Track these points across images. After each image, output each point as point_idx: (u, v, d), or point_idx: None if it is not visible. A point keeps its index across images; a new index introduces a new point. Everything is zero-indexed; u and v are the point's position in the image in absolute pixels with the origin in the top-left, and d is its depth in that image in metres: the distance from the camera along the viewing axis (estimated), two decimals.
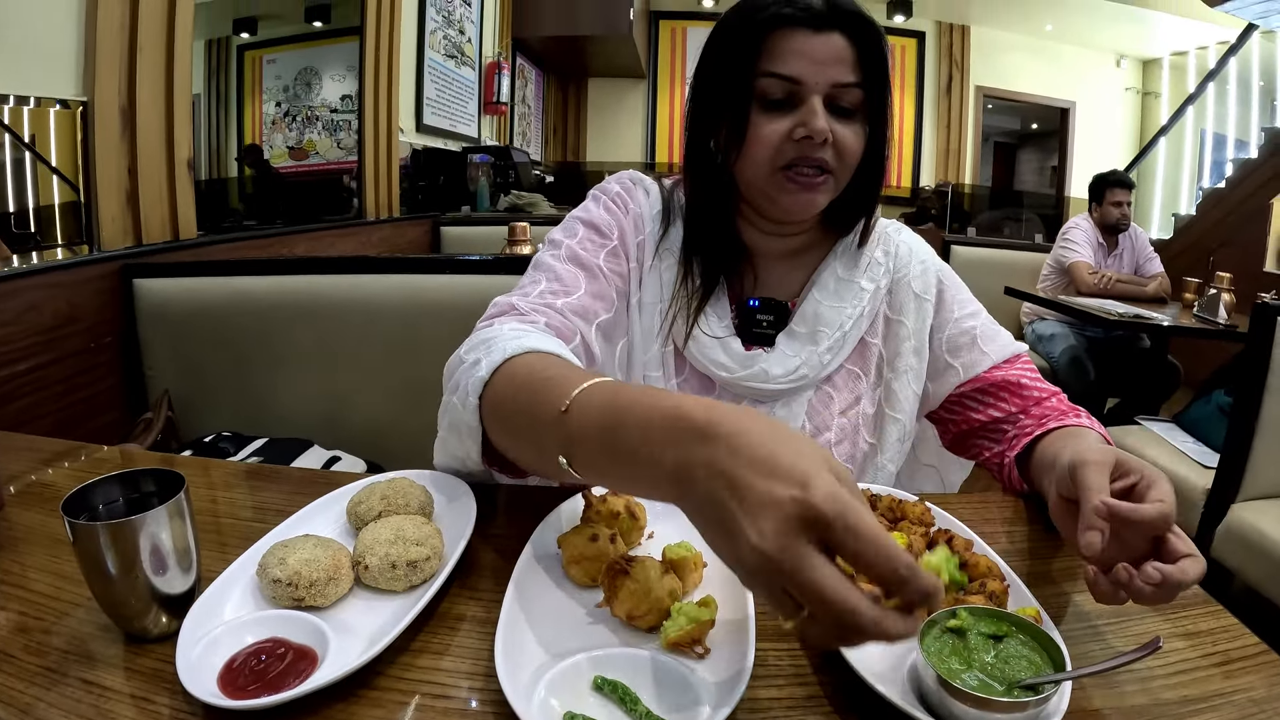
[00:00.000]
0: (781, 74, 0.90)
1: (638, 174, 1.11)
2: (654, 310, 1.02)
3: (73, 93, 1.72)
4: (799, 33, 0.90)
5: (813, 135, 0.89)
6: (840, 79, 0.90)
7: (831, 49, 0.89)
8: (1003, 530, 0.80)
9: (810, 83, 0.89)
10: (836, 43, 0.90)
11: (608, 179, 1.10)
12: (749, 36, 0.92)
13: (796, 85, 0.90)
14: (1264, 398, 1.86)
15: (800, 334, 1.01)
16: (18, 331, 1.50)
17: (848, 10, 0.90)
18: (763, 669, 0.56)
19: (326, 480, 0.91)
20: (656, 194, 1.08)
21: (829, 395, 1.02)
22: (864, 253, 1.05)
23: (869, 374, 1.04)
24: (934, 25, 8.23)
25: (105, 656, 0.56)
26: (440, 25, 4.23)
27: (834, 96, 0.90)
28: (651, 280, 1.03)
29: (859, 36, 0.91)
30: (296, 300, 1.67)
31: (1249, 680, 0.57)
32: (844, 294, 1.03)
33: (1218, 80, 6.80)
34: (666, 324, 1.01)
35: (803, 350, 1.00)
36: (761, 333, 1.02)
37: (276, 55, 3.26)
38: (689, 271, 1.02)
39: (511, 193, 4.33)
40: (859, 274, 1.04)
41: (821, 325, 1.01)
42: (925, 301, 1.04)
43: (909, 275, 1.05)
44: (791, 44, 0.90)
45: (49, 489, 0.86)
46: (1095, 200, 3.80)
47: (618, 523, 0.71)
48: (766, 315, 1.02)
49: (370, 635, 0.59)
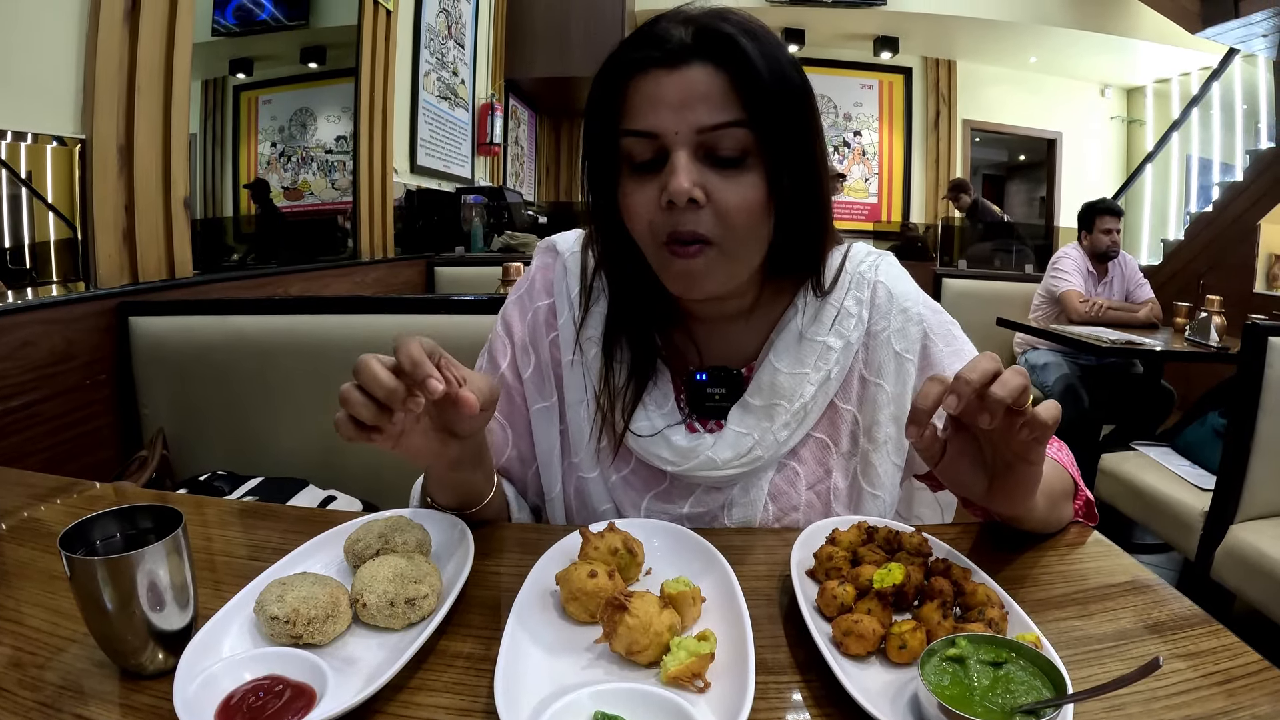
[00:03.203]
0: (637, 129, 0.77)
1: (559, 240, 1.00)
2: (579, 408, 0.93)
3: (71, 130, 1.74)
4: (655, 75, 0.76)
5: (673, 199, 0.74)
6: (707, 121, 0.74)
7: (691, 87, 0.75)
8: (1001, 558, 0.80)
9: (669, 133, 0.75)
10: (699, 78, 0.75)
11: (536, 249, 1.02)
12: (609, 90, 0.79)
13: (656, 139, 0.76)
14: (1258, 418, 1.87)
15: (755, 407, 0.88)
16: (13, 367, 1.51)
17: (713, 33, 0.75)
18: (763, 702, 0.56)
19: (323, 519, 0.91)
20: (576, 267, 0.95)
21: (794, 471, 0.90)
22: (830, 302, 0.90)
23: (840, 443, 0.91)
24: (920, 61, 8.39)
25: (101, 692, 0.56)
26: (434, 67, 4.29)
27: (708, 145, 0.75)
28: (573, 377, 0.93)
29: (732, 64, 0.75)
30: (292, 340, 1.68)
31: (1252, 698, 0.56)
32: (806, 357, 0.89)
33: (1201, 105, 6.92)
34: (595, 421, 0.92)
35: (757, 426, 0.87)
36: (715, 406, 0.91)
37: (272, 96, 3.30)
38: (613, 359, 0.91)
39: (505, 233, 4.37)
40: (824, 330, 0.89)
41: (779, 397, 0.88)
42: (907, 361, 0.91)
43: (889, 329, 0.91)
44: (647, 91, 0.76)
45: (42, 524, 0.86)
46: (1085, 228, 3.84)
47: (616, 559, 0.71)
48: (717, 388, 0.91)
49: (369, 673, 0.58)
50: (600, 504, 0.93)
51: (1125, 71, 8.33)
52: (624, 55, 0.78)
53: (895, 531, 0.77)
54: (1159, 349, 3.07)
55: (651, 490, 0.92)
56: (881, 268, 0.95)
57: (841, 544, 0.74)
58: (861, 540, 0.76)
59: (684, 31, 0.76)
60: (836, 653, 0.60)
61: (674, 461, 0.88)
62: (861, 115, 8.45)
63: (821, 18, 7.42)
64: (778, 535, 0.85)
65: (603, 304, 0.93)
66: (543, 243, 1.02)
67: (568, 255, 0.97)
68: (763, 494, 0.89)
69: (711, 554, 0.74)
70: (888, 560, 0.71)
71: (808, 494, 0.90)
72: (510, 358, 0.97)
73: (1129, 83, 8.73)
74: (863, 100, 8.44)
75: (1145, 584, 0.74)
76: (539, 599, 0.69)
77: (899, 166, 8.49)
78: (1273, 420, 1.87)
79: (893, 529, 0.78)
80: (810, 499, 0.90)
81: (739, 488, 0.90)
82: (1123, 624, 0.67)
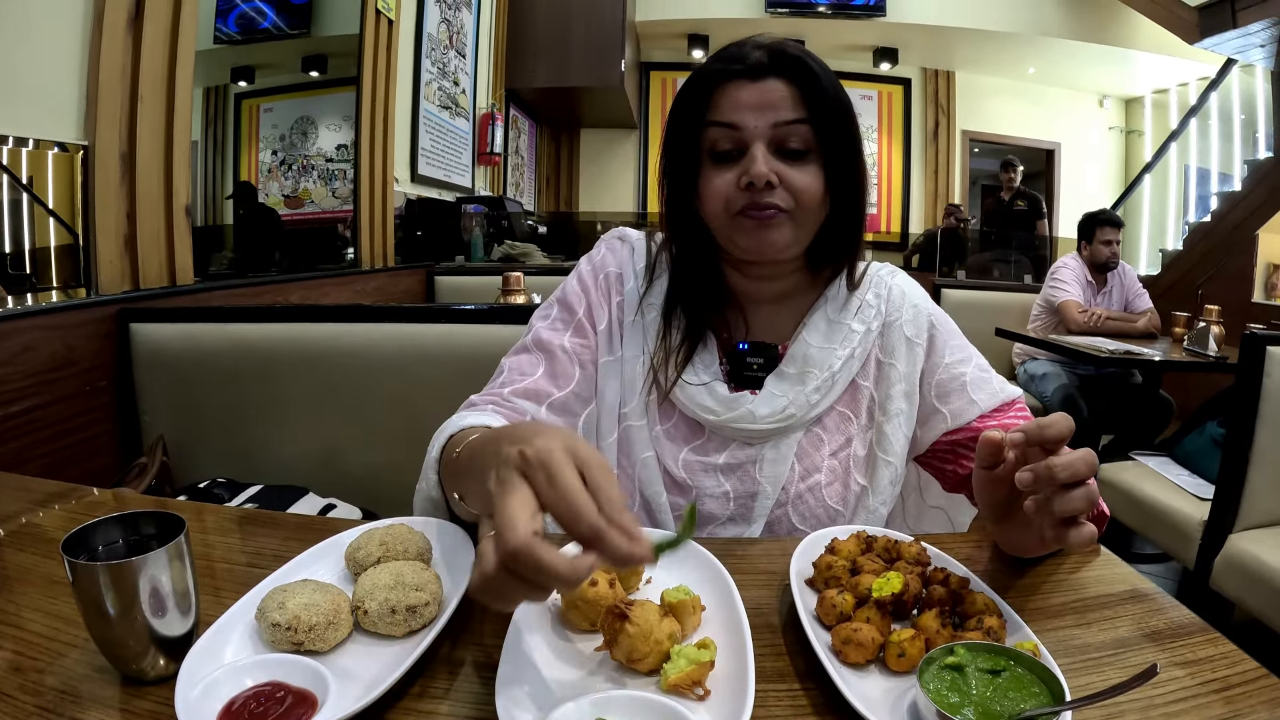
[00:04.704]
0: (722, 121, 0.94)
1: (627, 231, 1.15)
2: (635, 363, 1.04)
3: (73, 137, 1.75)
4: (738, 84, 0.94)
5: (754, 180, 0.91)
6: (781, 118, 0.92)
7: (770, 94, 0.93)
8: (1000, 568, 0.80)
9: (750, 127, 0.93)
10: (775, 87, 0.93)
11: (601, 238, 1.16)
12: (698, 93, 0.97)
13: (738, 132, 0.93)
14: (1257, 427, 1.87)
15: (789, 375, 1.01)
16: (13, 372, 1.50)
17: (788, 56, 0.94)
18: (763, 709, 0.56)
19: (323, 526, 0.91)
20: (643, 249, 1.11)
21: (819, 437, 1.02)
22: (855, 296, 1.06)
23: (860, 416, 1.04)
24: (919, 72, 8.43)
25: (101, 698, 0.56)
26: (435, 76, 4.30)
27: (780, 139, 0.93)
28: (634, 334, 1.06)
29: (800, 78, 0.94)
30: (292, 348, 1.68)
31: (1250, 704, 0.57)
32: (834, 336, 1.03)
33: (1200, 115, 6.94)
34: (649, 375, 1.03)
35: (790, 390, 1.00)
36: (752, 375, 1.03)
37: (273, 104, 3.30)
38: (670, 323, 1.05)
39: (505, 243, 4.37)
40: (850, 316, 1.04)
41: (810, 366, 1.01)
42: (916, 345, 1.05)
43: (901, 319, 1.06)
44: (732, 96, 0.94)
45: (42, 530, 0.86)
46: (1085, 239, 3.84)
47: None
48: (756, 358, 1.03)
49: (370, 680, 0.58)
50: (642, 451, 1.02)
51: (1124, 82, 8.37)
52: (711, 68, 0.96)
53: (894, 541, 0.78)
54: (1158, 359, 3.07)
55: (690, 443, 1.03)
56: (897, 276, 1.11)
57: (840, 553, 0.75)
58: (860, 549, 0.76)
59: (761, 53, 0.94)
60: (836, 661, 0.60)
61: (716, 411, 0.99)
62: (861, 126, 8.45)
63: (821, 28, 7.45)
64: (777, 544, 0.86)
65: (663, 281, 1.07)
66: (613, 231, 1.16)
67: (635, 240, 1.13)
68: (791, 453, 1.00)
69: (711, 563, 0.74)
70: (886, 569, 0.71)
71: (830, 460, 1.02)
72: (586, 307, 1.07)
73: (1127, 93, 8.77)
74: (862, 111, 8.43)
75: (1143, 593, 0.75)
76: (539, 607, 0.69)
77: (898, 177, 8.51)
78: (1271, 430, 1.87)
79: (891, 538, 0.79)
80: (832, 464, 1.02)
81: (770, 444, 1.01)
82: (1121, 632, 0.67)
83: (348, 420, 1.67)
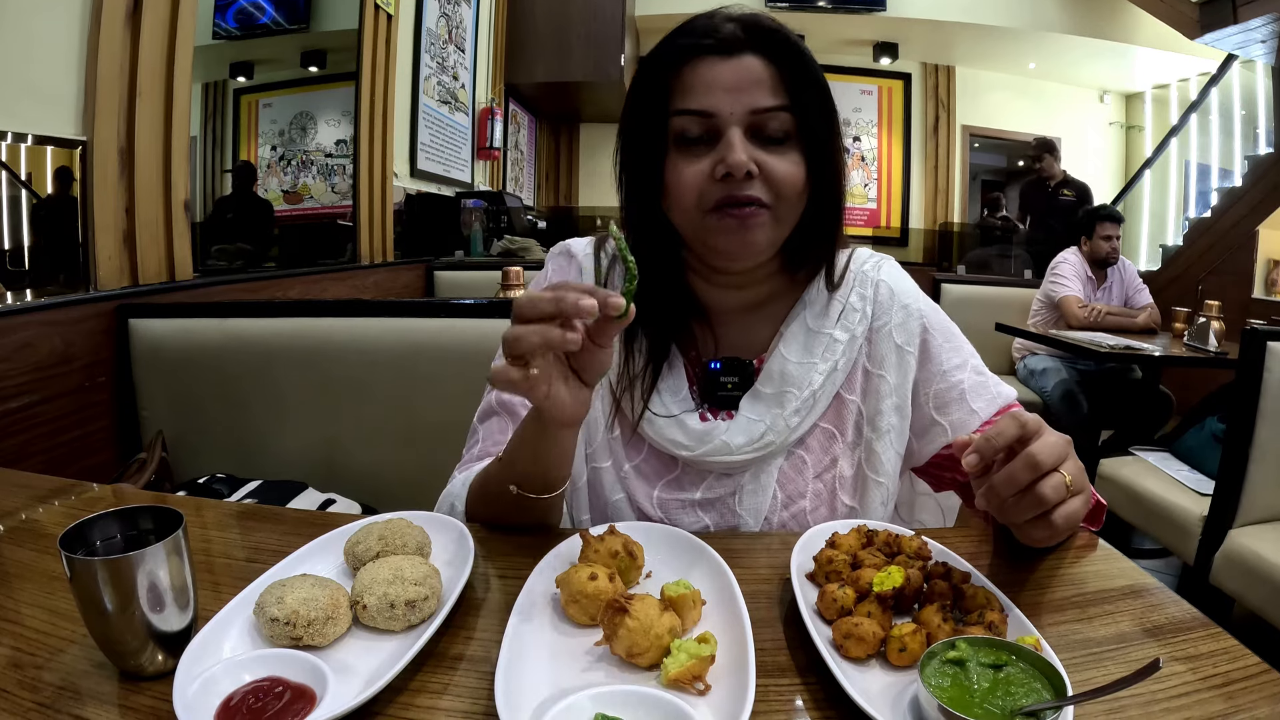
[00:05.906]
0: (693, 109, 0.84)
1: (572, 243, 1.05)
2: (594, 400, 0.92)
3: (72, 133, 1.74)
4: (709, 61, 0.84)
5: (732, 171, 0.82)
6: (759, 104, 0.83)
7: (746, 73, 0.83)
8: (1000, 562, 0.80)
9: (725, 113, 0.83)
10: (751, 65, 0.84)
11: (548, 255, 1.06)
12: (660, 74, 0.86)
13: (710, 118, 0.83)
14: (1257, 423, 1.87)
15: (765, 395, 0.92)
16: (12, 368, 1.50)
17: (764, 28, 0.85)
18: (763, 704, 0.56)
19: (322, 521, 0.91)
20: (590, 263, 1.01)
21: (802, 459, 0.93)
22: (836, 298, 0.96)
23: (846, 433, 0.95)
24: (919, 67, 8.41)
25: (99, 694, 0.56)
26: (434, 71, 4.29)
27: (757, 125, 0.84)
28: None
29: (779, 56, 0.84)
30: (292, 343, 1.68)
31: (1251, 699, 0.56)
32: (814, 348, 0.93)
33: (1200, 111, 6.91)
34: (610, 411, 0.95)
35: (768, 414, 0.91)
36: (727, 395, 0.94)
37: (272, 99, 3.29)
38: (631, 346, 0.95)
39: (504, 237, 4.36)
40: (831, 323, 0.95)
41: (789, 385, 0.92)
42: (908, 354, 0.95)
43: (890, 323, 0.96)
44: (702, 75, 0.84)
45: (41, 526, 0.86)
46: (1085, 234, 3.84)
47: (616, 562, 0.71)
48: (730, 377, 0.94)
49: (368, 675, 0.58)
50: (612, 494, 0.95)
51: (1124, 77, 8.36)
52: (676, 42, 0.86)
53: (895, 535, 0.78)
54: (1158, 354, 3.07)
55: (663, 479, 0.94)
56: (884, 268, 1.00)
57: (841, 547, 0.74)
58: (861, 544, 0.76)
59: (734, 26, 0.84)
60: (837, 655, 0.60)
61: (688, 446, 0.91)
62: (861, 121, 8.46)
63: (821, 23, 7.43)
64: (778, 538, 0.85)
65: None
66: (556, 247, 1.06)
67: (582, 256, 1.02)
68: (772, 481, 0.92)
69: (711, 557, 0.74)
70: (887, 564, 0.71)
71: (815, 483, 0.93)
72: None
73: (1128, 89, 8.75)
74: (862, 106, 8.45)
75: (1144, 588, 0.74)
76: (539, 602, 0.69)
77: (898, 172, 8.50)
78: (1271, 425, 1.87)
79: (892, 533, 0.78)
80: (817, 488, 0.93)
81: (749, 474, 0.92)
82: (1122, 627, 0.67)
83: (347, 415, 1.67)
